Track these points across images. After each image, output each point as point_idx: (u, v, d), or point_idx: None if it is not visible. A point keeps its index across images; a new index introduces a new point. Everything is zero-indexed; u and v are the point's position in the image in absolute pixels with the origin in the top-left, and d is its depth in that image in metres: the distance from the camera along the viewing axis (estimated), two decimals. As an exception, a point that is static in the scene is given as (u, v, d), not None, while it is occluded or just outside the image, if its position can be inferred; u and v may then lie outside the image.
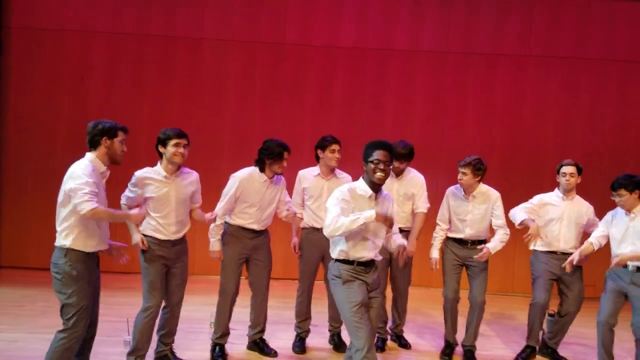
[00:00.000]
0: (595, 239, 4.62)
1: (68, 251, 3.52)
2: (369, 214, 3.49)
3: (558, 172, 4.93)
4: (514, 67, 7.53)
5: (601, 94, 7.54)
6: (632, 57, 7.48)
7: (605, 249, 4.69)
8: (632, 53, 7.48)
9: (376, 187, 3.64)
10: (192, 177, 4.28)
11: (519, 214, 4.87)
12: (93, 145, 3.62)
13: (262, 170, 4.57)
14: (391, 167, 3.67)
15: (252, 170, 4.60)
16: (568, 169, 4.83)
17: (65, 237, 3.52)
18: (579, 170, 4.87)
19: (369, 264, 3.69)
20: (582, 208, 4.94)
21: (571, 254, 4.68)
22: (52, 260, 3.57)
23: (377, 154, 3.56)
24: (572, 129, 7.53)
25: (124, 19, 7.43)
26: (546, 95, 7.55)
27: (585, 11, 7.51)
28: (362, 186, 3.65)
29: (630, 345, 4.64)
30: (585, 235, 4.94)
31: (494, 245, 4.76)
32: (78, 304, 3.52)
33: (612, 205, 4.63)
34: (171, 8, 7.46)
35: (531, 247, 4.98)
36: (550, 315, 5.09)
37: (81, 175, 3.45)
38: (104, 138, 3.60)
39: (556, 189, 5.00)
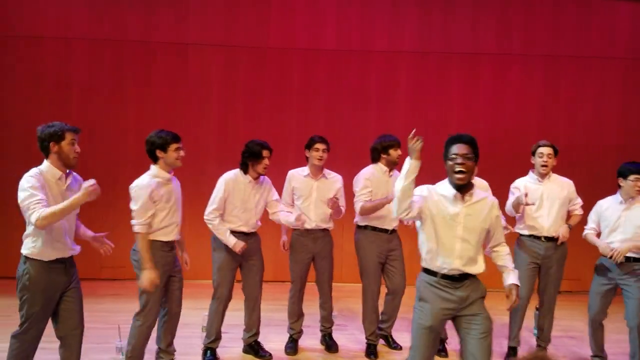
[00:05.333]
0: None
1: (27, 259, 3.41)
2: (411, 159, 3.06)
3: (534, 154, 4.80)
4: (495, 66, 7.62)
5: (580, 90, 7.67)
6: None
7: (588, 244, 4.70)
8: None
9: (461, 187, 3.13)
10: (177, 181, 4.26)
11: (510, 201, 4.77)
12: (45, 152, 3.42)
13: (245, 172, 4.58)
14: (476, 162, 3.22)
15: (237, 172, 4.61)
16: (545, 150, 4.72)
17: (25, 246, 3.42)
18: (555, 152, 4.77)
19: (457, 279, 3.05)
20: (564, 187, 4.79)
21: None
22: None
23: (455, 148, 3.13)
24: (553, 123, 7.64)
25: (103, 25, 7.34)
26: (527, 91, 7.66)
27: (561, 10, 7.63)
28: (443, 185, 3.22)
29: (618, 337, 4.73)
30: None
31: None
32: (28, 311, 3.40)
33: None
34: (150, 13, 7.39)
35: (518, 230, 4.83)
36: (537, 308, 5.02)
37: (25, 188, 3.28)
38: (51, 143, 3.38)
39: (530, 172, 4.86)
